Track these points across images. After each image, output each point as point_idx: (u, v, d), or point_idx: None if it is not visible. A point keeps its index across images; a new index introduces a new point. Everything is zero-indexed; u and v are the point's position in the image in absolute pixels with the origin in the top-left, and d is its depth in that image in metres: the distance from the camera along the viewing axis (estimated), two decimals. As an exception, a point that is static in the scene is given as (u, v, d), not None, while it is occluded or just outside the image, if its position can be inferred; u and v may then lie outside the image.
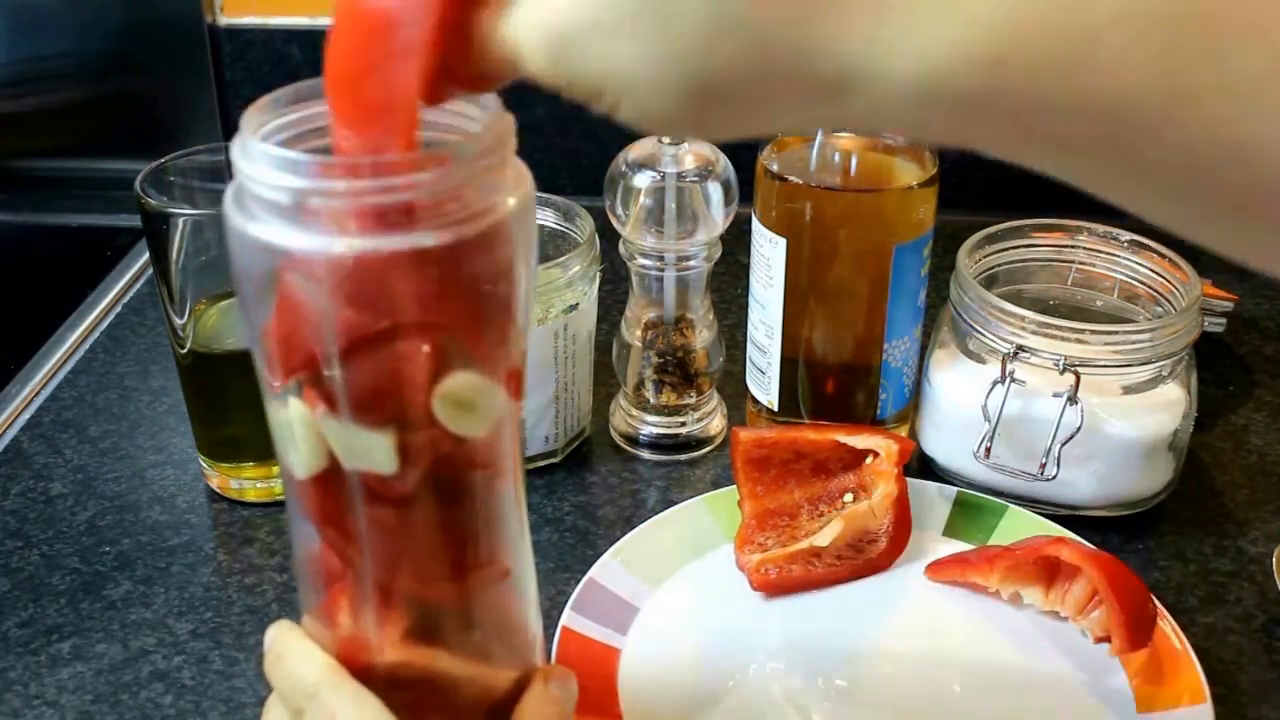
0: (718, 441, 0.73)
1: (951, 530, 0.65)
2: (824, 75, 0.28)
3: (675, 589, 0.61)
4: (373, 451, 0.38)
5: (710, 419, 0.73)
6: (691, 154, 0.66)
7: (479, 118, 0.38)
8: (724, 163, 0.67)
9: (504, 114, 0.38)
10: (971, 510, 0.65)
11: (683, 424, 0.72)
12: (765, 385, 0.69)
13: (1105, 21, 0.26)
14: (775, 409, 0.70)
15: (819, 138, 0.64)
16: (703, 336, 0.71)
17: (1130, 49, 0.26)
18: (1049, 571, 0.59)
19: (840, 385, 0.68)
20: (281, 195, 0.36)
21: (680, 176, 0.66)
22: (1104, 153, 0.28)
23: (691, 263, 0.68)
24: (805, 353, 0.68)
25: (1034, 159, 0.30)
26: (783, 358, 0.68)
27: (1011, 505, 0.65)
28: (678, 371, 0.71)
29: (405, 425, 0.38)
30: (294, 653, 0.41)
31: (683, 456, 0.72)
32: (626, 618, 0.59)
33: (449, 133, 0.39)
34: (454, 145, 0.37)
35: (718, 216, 0.67)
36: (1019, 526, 0.64)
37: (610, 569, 0.61)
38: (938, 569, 0.62)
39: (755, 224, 0.66)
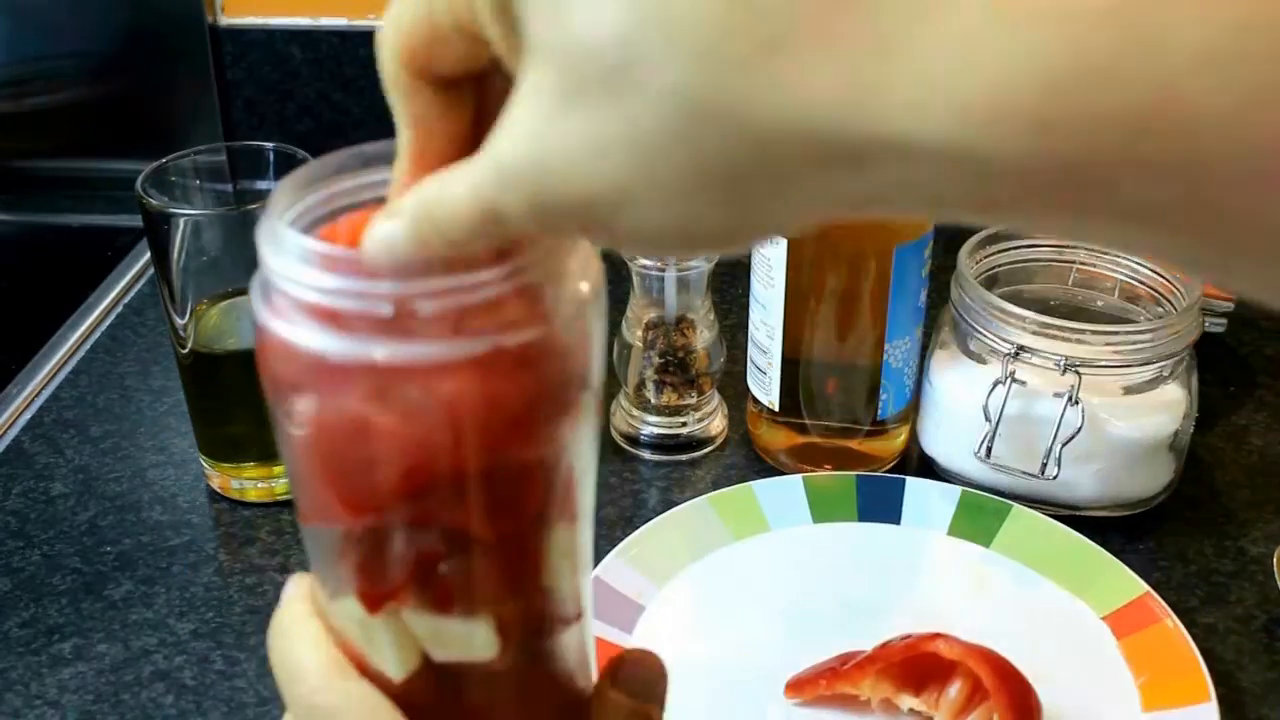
0: (719, 441, 0.73)
1: (956, 530, 0.65)
2: (839, 143, 0.22)
3: (680, 588, 0.61)
4: (472, 639, 0.34)
5: (711, 419, 0.73)
6: None
7: None
8: None
9: None
10: (975, 510, 0.65)
11: (684, 424, 0.72)
12: (766, 385, 0.69)
13: (1184, 67, 0.20)
14: (776, 409, 0.70)
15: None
16: (704, 337, 0.71)
17: (1213, 98, 0.20)
18: (920, 673, 0.56)
19: (841, 385, 0.68)
20: (381, 305, 0.30)
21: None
22: (1184, 225, 0.22)
23: (693, 263, 0.68)
24: (806, 353, 0.68)
25: (1099, 235, 0.25)
26: (784, 358, 0.68)
27: (1015, 505, 0.65)
28: (679, 372, 0.71)
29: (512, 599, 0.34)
30: (300, 634, 0.34)
31: (684, 456, 0.72)
32: (631, 616, 0.59)
33: None
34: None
35: None
36: (1023, 526, 0.64)
37: (615, 568, 0.61)
38: (799, 687, 0.57)
39: None
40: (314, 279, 0.30)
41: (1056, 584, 0.62)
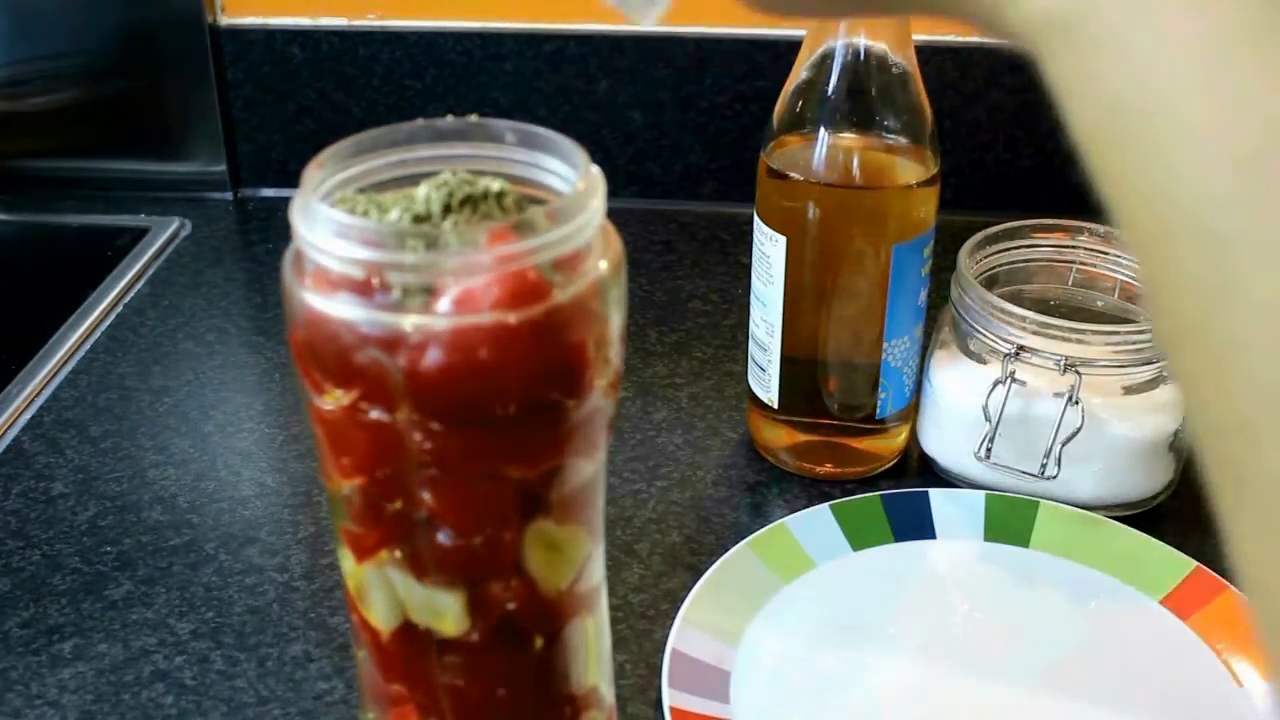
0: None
1: (993, 535, 0.65)
2: None
3: (756, 643, 0.59)
4: (442, 610, 0.37)
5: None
6: None
7: (568, 175, 0.36)
8: None
9: (594, 168, 0.36)
10: (1004, 512, 0.65)
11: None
12: (766, 383, 0.69)
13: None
14: (775, 407, 0.70)
15: (821, 136, 0.64)
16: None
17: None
18: None
19: (840, 384, 0.68)
20: (409, 276, 0.32)
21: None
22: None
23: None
24: (806, 351, 0.68)
25: None
26: (783, 356, 0.68)
27: (1041, 501, 0.65)
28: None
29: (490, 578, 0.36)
30: None
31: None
32: (721, 684, 0.56)
33: (539, 190, 0.37)
34: (548, 206, 0.35)
35: None
36: (1053, 521, 0.64)
37: (686, 636, 0.58)
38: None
39: (756, 221, 0.66)
40: (345, 251, 0.32)
41: (1107, 573, 0.62)
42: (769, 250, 0.66)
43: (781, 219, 0.65)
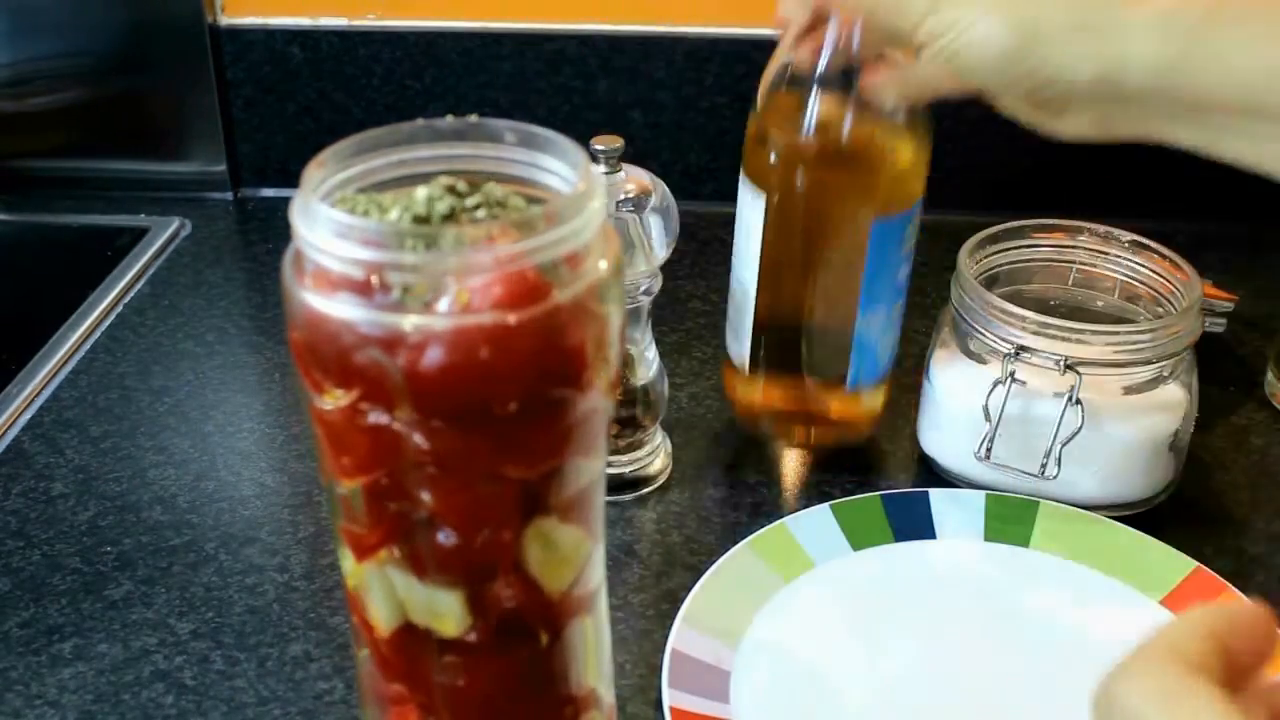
0: (659, 482, 0.70)
1: (993, 535, 0.65)
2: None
3: (755, 643, 0.59)
4: (441, 610, 0.37)
5: (653, 459, 0.70)
6: (631, 182, 0.64)
7: (568, 175, 0.36)
8: (663, 191, 0.65)
9: (594, 167, 0.36)
10: (1004, 512, 0.65)
11: (629, 463, 0.69)
12: (740, 346, 0.69)
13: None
14: (747, 370, 0.69)
15: (812, 100, 0.64)
16: (643, 373, 0.67)
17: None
18: None
19: (811, 348, 0.68)
20: (406, 276, 0.33)
21: (619, 206, 0.63)
22: None
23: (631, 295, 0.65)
24: (778, 314, 0.67)
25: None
26: (756, 317, 0.67)
27: (1041, 501, 0.65)
28: (618, 410, 0.67)
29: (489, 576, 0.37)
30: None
31: (627, 496, 0.69)
32: (721, 684, 0.56)
33: (539, 190, 0.37)
34: (548, 206, 0.35)
35: (658, 248, 0.64)
36: (1053, 521, 0.64)
37: (686, 636, 0.58)
38: None
39: (741, 179, 0.66)
40: (345, 251, 0.32)
41: (1106, 573, 0.62)
42: (749, 210, 0.65)
43: (763, 179, 0.64)
